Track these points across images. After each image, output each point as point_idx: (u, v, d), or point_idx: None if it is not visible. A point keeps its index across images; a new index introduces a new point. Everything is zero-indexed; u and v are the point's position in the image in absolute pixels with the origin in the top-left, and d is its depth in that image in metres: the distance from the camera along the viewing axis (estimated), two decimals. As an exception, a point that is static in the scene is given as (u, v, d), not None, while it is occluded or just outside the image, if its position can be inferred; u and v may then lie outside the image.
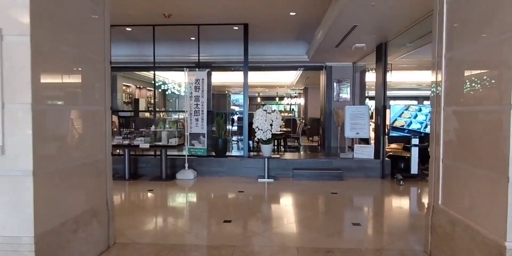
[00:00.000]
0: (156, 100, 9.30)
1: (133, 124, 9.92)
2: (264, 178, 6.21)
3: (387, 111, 6.47)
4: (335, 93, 9.35)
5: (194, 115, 6.49)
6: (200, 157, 6.66)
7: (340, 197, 5.00)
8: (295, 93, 21.10)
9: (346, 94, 9.33)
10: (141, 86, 14.38)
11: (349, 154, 6.83)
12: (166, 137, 6.28)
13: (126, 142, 6.26)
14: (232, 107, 21.23)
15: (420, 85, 17.15)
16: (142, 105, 12.02)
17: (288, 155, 7.33)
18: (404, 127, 6.18)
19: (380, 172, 6.44)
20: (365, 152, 6.65)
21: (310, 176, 6.23)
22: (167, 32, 7.56)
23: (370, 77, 9.84)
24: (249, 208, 4.53)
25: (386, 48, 6.58)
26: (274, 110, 6.38)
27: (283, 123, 9.12)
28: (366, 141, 7.34)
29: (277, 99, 22.43)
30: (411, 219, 4.09)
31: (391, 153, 6.94)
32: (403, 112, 6.23)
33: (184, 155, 6.32)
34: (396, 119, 6.24)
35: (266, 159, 6.31)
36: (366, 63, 9.08)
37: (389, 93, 6.84)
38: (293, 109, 22.54)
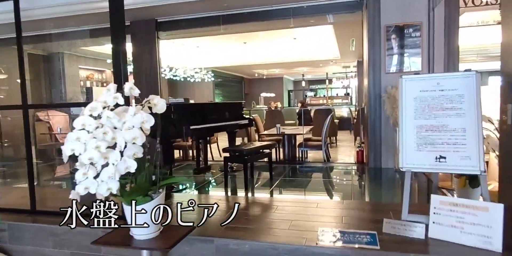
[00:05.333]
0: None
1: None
2: None
3: None
4: (389, 57, 4.55)
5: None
6: None
7: None
8: (350, 71, 15.93)
9: (414, 57, 4.47)
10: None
11: (416, 217, 2.21)
12: None
13: None
14: (264, 94, 16.86)
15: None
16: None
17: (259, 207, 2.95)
18: None
19: None
20: (470, 226, 1.98)
21: None
22: None
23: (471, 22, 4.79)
24: None
25: None
26: (148, 100, 2.00)
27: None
28: (473, 180, 2.56)
29: (327, 82, 17.44)
30: None
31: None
32: None
33: None
34: None
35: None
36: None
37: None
38: (348, 94, 17.37)
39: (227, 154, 3.68)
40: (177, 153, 6.24)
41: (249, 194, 3.57)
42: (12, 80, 7.32)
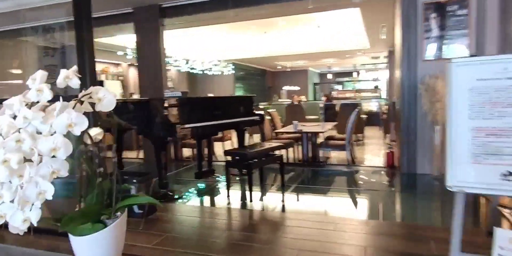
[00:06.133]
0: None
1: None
2: None
3: None
4: (427, 41, 3.81)
5: None
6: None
7: None
8: (380, 63, 14.91)
9: (458, 41, 3.72)
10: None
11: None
12: None
13: None
14: (287, 88, 16.16)
15: None
16: (116, 91, 8.07)
17: None
18: None
19: None
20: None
21: None
22: None
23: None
24: None
25: None
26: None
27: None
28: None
29: (354, 74, 16.46)
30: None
31: None
32: None
33: None
34: None
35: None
36: None
37: None
38: (377, 87, 16.32)
39: (230, 158, 3.13)
40: (189, 151, 5.77)
41: (255, 206, 3.00)
42: (24, 74, 7.18)
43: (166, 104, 3.09)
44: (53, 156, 1.26)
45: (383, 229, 2.24)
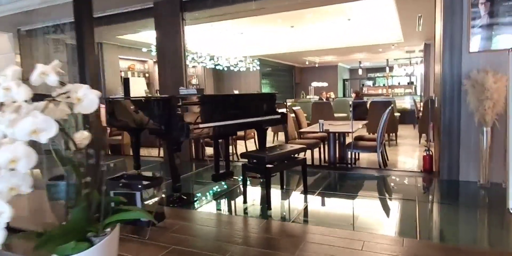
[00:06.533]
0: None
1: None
2: None
3: None
4: (474, 31, 3.36)
5: None
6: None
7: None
8: (415, 57, 14.08)
9: (509, 29, 3.25)
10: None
11: None
12: None
13: None
14: (316, 84, 15.66)
15: None
16: (141, 88, 8.03)
17: None
18: None
19: None
20: None
21: None
22: None
23: None
24: None
25: None
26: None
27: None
28: None
29: (387, 69, 15.68)
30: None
31: None
32: None
33: None
34: None
35: None
36: None
37: None
38: (412, 82, 15.48)
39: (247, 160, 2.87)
40: (210, 150, 5.58)
41: (274, 214, 2.72)
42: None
43: (179, 103, 2.87)
44: (12, 169, 1.03)
45: (420, 250, 1.89)
